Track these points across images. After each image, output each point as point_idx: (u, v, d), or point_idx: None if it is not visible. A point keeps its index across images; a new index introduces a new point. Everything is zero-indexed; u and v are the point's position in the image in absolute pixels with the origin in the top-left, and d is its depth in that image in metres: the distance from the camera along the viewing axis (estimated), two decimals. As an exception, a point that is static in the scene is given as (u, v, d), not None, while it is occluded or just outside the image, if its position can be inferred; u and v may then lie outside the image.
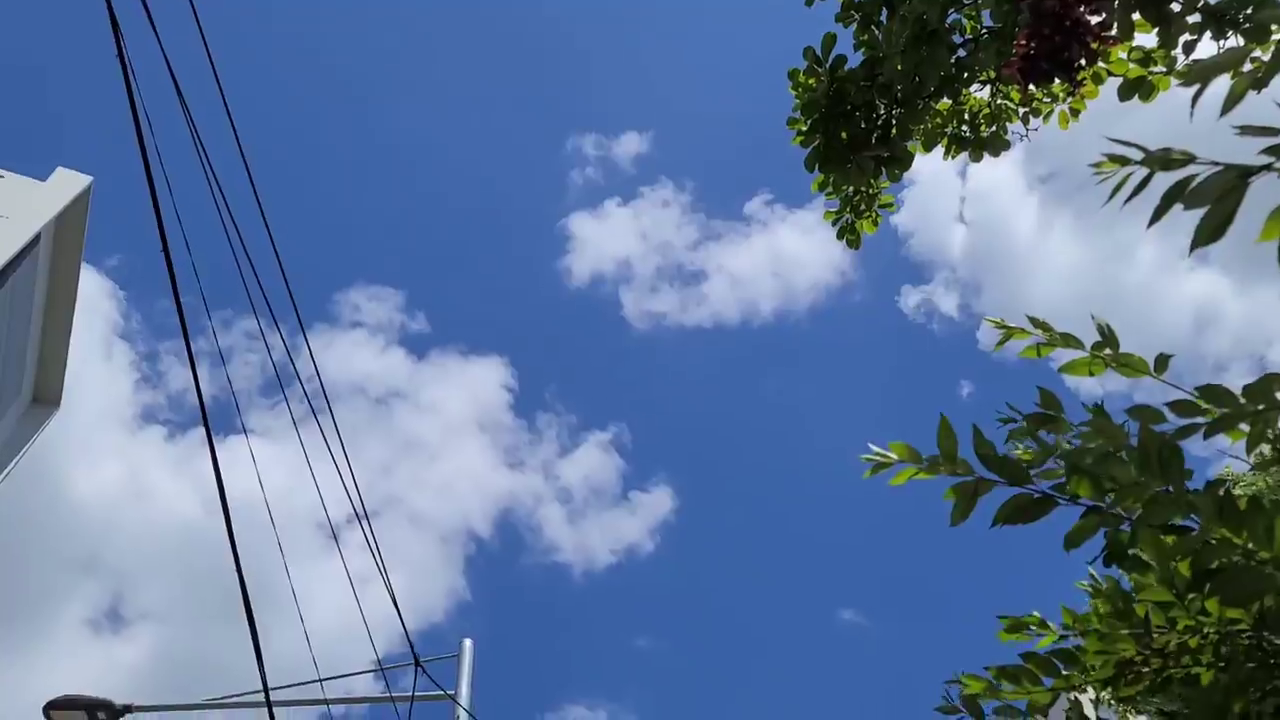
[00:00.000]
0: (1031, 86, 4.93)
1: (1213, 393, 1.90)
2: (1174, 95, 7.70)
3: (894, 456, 2.12)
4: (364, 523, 6.87)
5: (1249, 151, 1.39)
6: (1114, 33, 4.97)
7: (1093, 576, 2.24)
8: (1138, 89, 7.18)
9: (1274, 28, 6.89)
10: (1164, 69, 7.21)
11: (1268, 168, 1.40)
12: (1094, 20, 4.51)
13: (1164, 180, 1.48)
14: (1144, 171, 1.51)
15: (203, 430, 4.44)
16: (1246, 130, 1.45)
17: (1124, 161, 1.54)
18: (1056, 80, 4.84)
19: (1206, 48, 7.29)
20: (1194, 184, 1.43)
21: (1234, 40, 7.12)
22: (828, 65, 7.03)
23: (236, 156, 6.26)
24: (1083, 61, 4.50)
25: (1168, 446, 1.88)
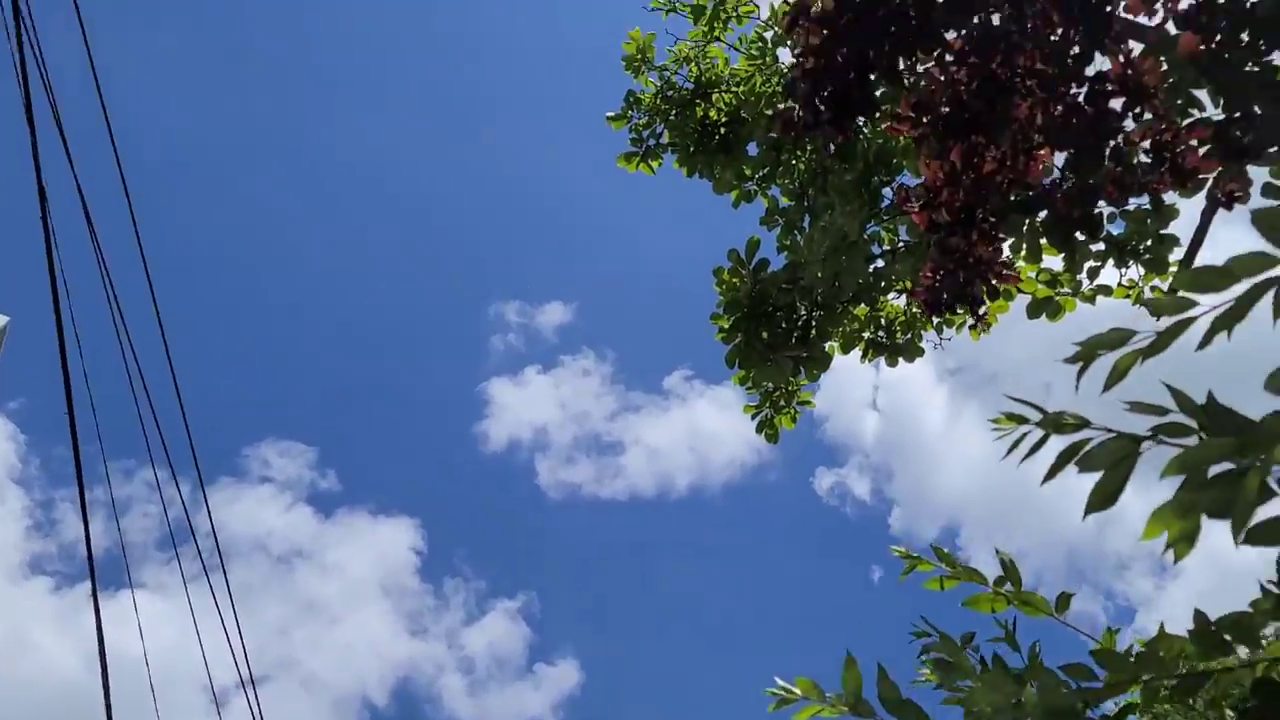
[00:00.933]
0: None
1: (1106, 656, 1.90)
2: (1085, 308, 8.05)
3: (798, 692, 2.10)
4: (248, 689, 6.54)
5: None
6: (1015, 271, 5.25)
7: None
8: (1045, 308, 7.52)
9: (1171, 259, 7.31)
10: (1069, 290, 7.58)
11: (1157, 440, 1.44)
12: (996, 258, 4.75)
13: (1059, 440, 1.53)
14: (1039, 432, 1.57)
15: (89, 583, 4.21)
16: (1135, 407, 1.50)
17: (1021, 420, 1.59)
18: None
19: (1110, 274, 7.67)
20: (1088, 448, 1.47)
21: (1134, 269, 7.52)
22: (751, 267, 7.27)
23: (153, 308, 6.18)
24: (985, 297, 4.71)
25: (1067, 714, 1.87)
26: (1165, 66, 4.74)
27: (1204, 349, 1.42)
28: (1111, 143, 4.24)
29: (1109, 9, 4.23)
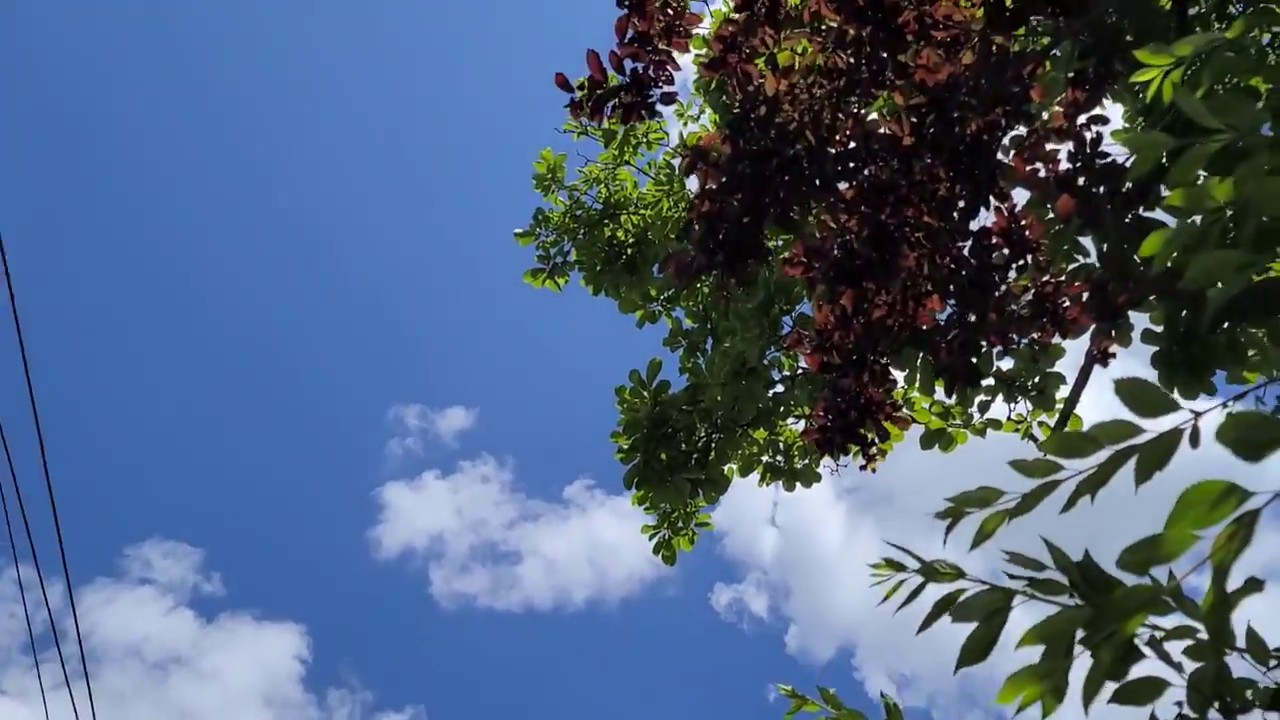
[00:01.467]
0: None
1: None
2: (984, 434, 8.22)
3: None
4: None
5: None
6: (905, 414, 5.37)
7: None
8: (937, 440, 7.66)
9: (1058, 396, 7.54)
10: (961, 423, 7.74)
11: (1030, 595, 1.44)
12: (887, 400, 4.83)
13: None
14: (917, 579, 1.58)
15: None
16: (1014, 559, 1.49)
17: (899, 567, 1.61)
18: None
19: (1000, 408, 7.85)
20: (963, 599, 1.48)
21: (1023, 405, 7.71)
22: (652, 388, 7.29)
23: (28, 393, 5.89)
24: (874, 438, 4.78)
25: None
26: (1050, 216, 4.95)
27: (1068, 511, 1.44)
28: (995, 294, 4.38)
29: (994, 166, 4.41)
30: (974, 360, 4.25)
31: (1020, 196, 5.11)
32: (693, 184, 7.93)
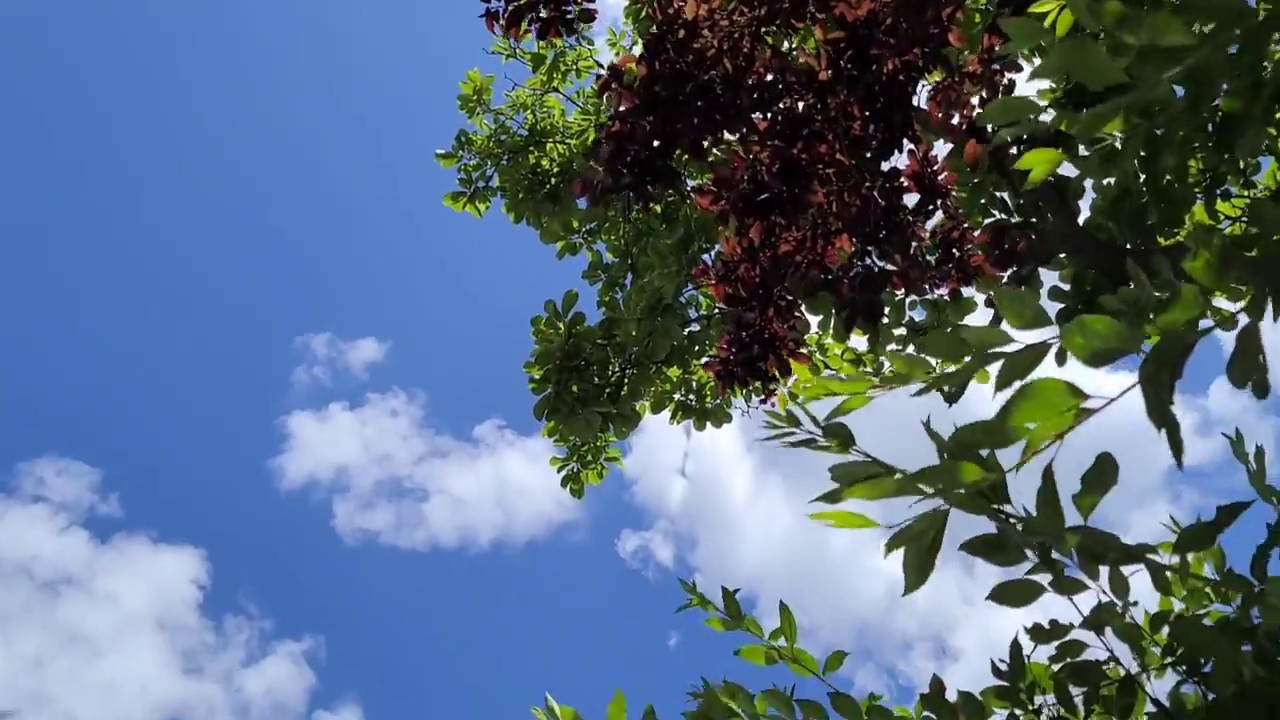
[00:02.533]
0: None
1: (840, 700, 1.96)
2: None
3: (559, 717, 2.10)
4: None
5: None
6: (807, 349, 5.42)
7: None
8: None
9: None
10: (872, 371, 7.85)
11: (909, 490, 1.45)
12: (790, 336, 4.86)
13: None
14: (804, 435, 1.59)
15: None
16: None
17: (794, 421, 1.61)
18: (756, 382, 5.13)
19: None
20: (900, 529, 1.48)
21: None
22: (566, 320, 7.24)
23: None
24: (776, 373, 4.81)
25: None
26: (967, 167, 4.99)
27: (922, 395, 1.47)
28: (901, 236, 4.41)
29: (909, 110, 4.42)
30: (876, 298, 4.29)
31: (939, 146, 5.14)
32: (620, 116, 7.84)
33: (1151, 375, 1.29)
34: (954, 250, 4.85)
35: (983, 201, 5.97)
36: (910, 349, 7.66)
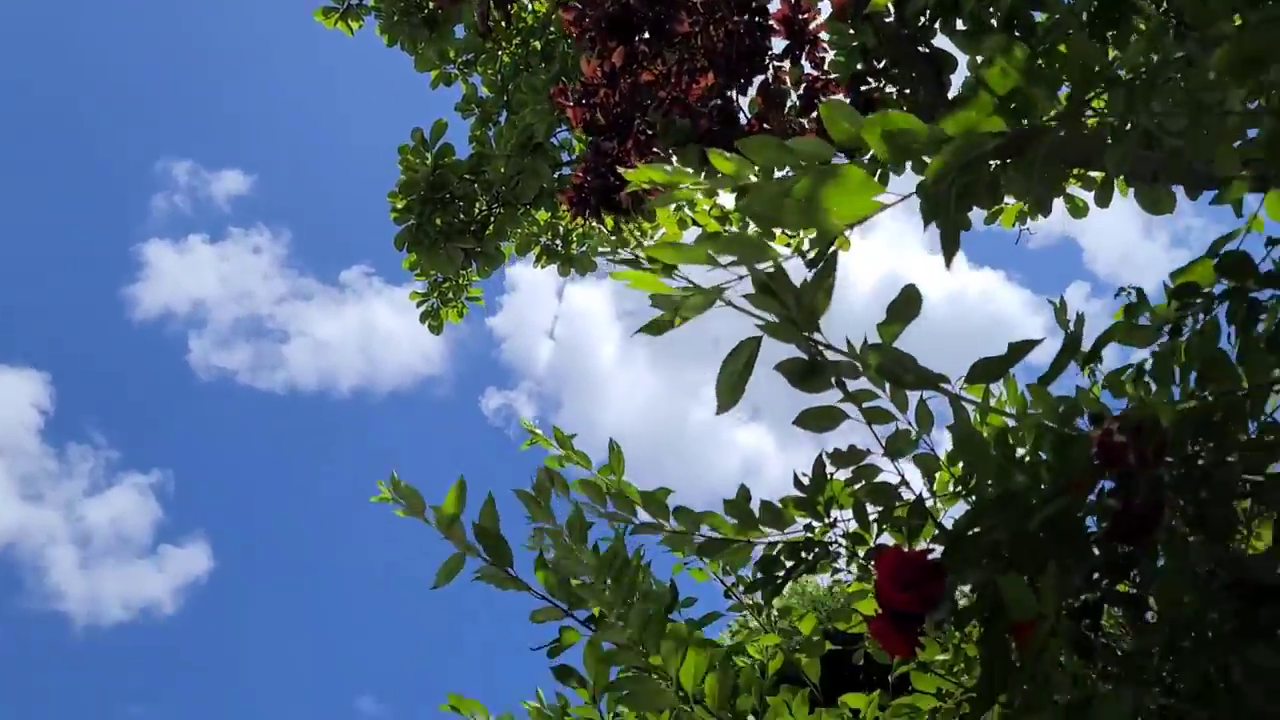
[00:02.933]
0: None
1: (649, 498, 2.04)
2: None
3: (403, 499, 2.12)
4: None
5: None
6: (665, 187, 5.39)
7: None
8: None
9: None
10: (736, 231, 7.94)
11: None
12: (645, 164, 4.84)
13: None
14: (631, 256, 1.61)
15: None
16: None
17: (622, 243, 1.63)
18: (612, 214, 5.14)
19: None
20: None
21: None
22: (434, 150, 7.08)
23: None
24: (630, 208, 4.83)
25: (622, 559, 1.98)
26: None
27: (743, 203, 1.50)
28: (762, 77, 4.43)
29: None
30: (732, 132, 4.31)
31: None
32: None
33: (939, 173, 1.36)
34: (817, 100, 4.89)
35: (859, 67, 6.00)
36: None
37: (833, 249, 1.55)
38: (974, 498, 2.05)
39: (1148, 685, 1.18)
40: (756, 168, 1.50)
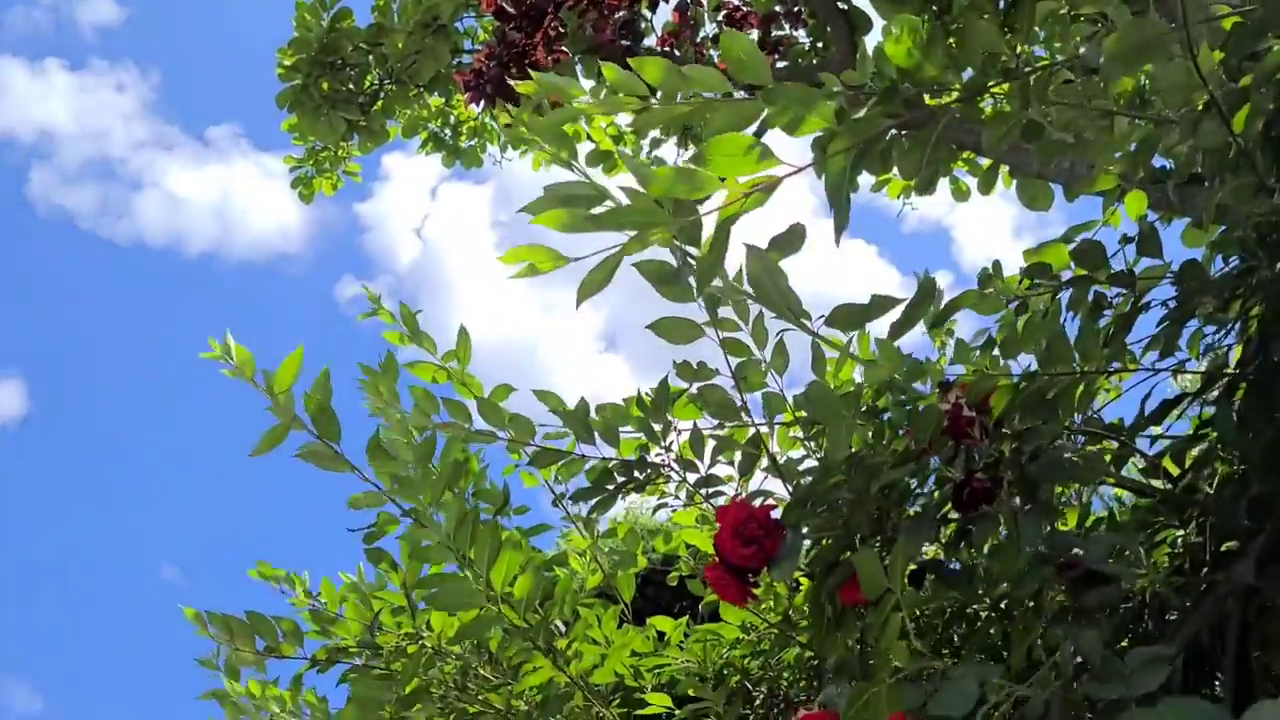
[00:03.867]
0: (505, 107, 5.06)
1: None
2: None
3: (234, 358, 1.99)
4: None
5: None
6: (565, 90, 5.27)
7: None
8: (603, 160, 7.75)
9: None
10: (630, 150, 7.86)
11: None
12: (550, 69, 4.73)
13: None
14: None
15: None
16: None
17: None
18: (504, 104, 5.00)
19: (667, 152, 8.03)
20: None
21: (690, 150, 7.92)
22: (330, 11, 6.72)
23: None
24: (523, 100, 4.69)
25: (446, 450, 1.94)
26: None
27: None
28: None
29: None
30: (636, 46, 4.23)
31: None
32: None
33: (841, 132, 1.33)
34: (734, 26, 4.83)
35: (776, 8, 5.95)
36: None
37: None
38: (821, 455, 2.08)
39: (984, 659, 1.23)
40: (648, 89, 1.45)
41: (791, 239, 1.40)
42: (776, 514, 1.36)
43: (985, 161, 5.95)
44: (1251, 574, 1.15)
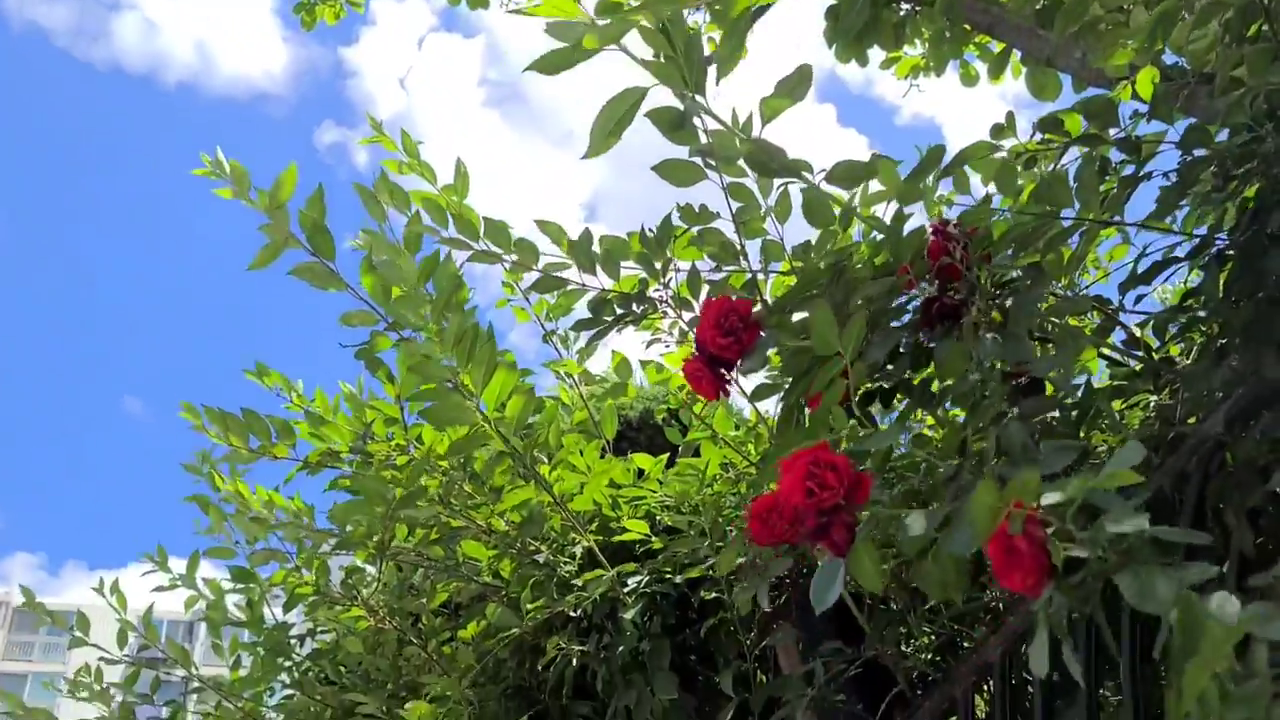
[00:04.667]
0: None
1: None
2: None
3: (226, 171, 2.00)
4: None
5: None
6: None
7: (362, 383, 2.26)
8: (612, 11, 7.54)
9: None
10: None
11: None
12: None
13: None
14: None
15: None
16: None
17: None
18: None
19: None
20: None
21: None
22: None
23: None
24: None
25: (442, 269, 1.95)
26: None
27: None
28: None
29: None
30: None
31: None
32: None
33: None
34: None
35: None
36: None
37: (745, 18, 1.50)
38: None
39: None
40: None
41: (799, 83, 1.39)
42: (758, 309, 1.40)
43: (997, 46, 5.86)
44: (1220, 427, 1.20)
